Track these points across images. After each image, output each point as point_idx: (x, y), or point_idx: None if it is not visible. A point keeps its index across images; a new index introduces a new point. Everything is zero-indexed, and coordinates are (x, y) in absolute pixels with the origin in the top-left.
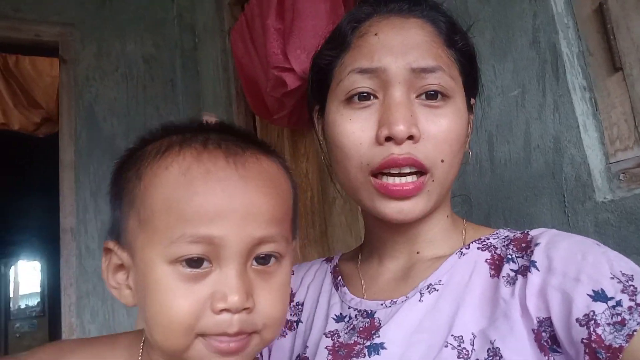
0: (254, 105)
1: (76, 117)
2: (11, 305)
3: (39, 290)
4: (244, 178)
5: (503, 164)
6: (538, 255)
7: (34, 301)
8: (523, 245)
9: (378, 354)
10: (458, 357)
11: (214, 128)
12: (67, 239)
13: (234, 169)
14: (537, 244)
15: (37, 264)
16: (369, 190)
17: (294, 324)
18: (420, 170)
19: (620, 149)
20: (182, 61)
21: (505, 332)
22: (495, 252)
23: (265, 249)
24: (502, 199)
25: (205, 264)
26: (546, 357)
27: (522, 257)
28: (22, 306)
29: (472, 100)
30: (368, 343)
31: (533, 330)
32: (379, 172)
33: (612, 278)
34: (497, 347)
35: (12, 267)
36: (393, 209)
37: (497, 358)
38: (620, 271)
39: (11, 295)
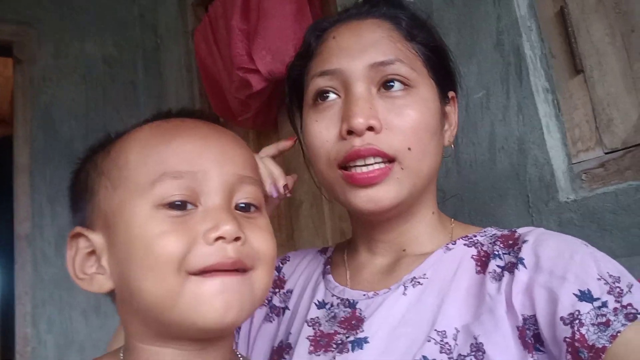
0: (217, 107)
1: (32, 119)
2: None
3: None
4: (216, 129)
5: (468, 165)
6: (526, 252)
7: None
8: (510, 242)
9: (362, 348)
10: (440, 351)
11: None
12: (22, 245)
13: (203, 123)
14: (525, 241)
15: None
16: (340, 184)
17: (282, 310)
18: (387, 159)
19: (582, 150)
20: (144, 62)
21: (490, 328)
22: (481, 249)
23: (245, 192)
24: (467, 200)
25: (190, 207)
26: (530, 355)
27: (509, 253)
28: None
29: (451, 93)
30: (351, 337)
31: (518, 327)
32: (346, 165)
33: (599, 279)
34: (480, 343)
35: None
36: (363, 198)
37: (480, 354)
38: (607, 272)
39: None
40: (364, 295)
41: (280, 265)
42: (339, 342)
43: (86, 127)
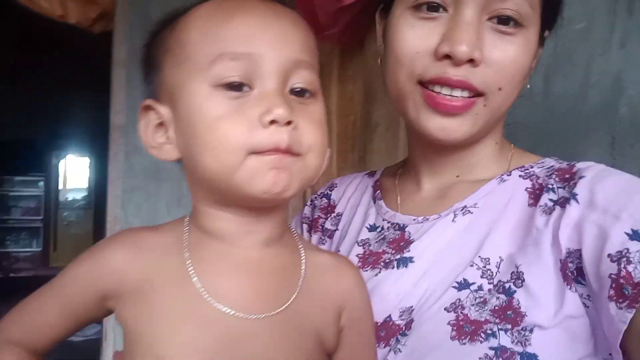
0: (305, 18)
1: (132, 14)
2: (60, 196)
3: (85, 185)
4: (275, 9)
5: (556, 98)
6: (581, 188)
7: (81, 195)
8: (567, 176)
9: (406, 266)
10: (482, 276)
11: None
12: (117, 135)
13: (264, 2)
14: (582, 177)
15: (87, 160)
16: (415, 100)
17: (333, 232)
18: (475, 94)
19: None
20: None
21: (532, 259)
22: (537, 182)
23: (301, 75)
24: (549, 134)
25: (245, 89)
26: (568, 287)
27: (564, 187)
28: (70, 199)
29: (547, 33)
30: (398, 256)
31: (560, 260)
32: (429, 83)
33: None
34: (521, 271)
35: (63, 161)
36: (436, 125)
37: (520, 282)
38: None
39: (60, 187)
40: (414, 219)
41: (329, 192)
42: (387, 260)
43: None
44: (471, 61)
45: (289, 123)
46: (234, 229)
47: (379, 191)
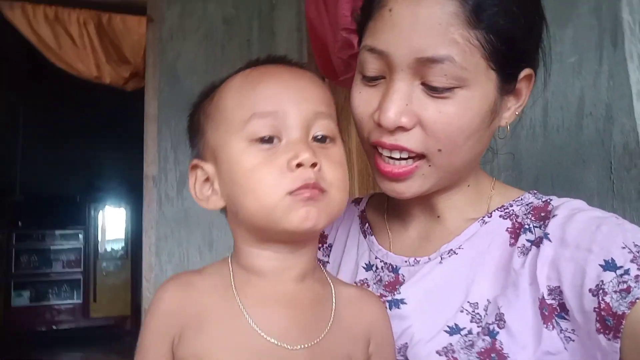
0: (322, 66)
1: (160, 73)
2: (99, 247)
3: (122, 236)
4: (295, 72)
5: (555, 130)
6: (552, 227)
7: (118, 245)
8: (542, 214)
9: (398, 307)
10: (471, 321)
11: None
12: (149, 186)
13: (285, 68)
14: (554, 216)
15: (123, 211)
16: (371, 162)
17: (325, 264)
18: (416, 155)
19: None
20: (259, 22)
21: (512, 299)
22: (516, 221)
23: (320, 125)
24: (551, 164)
25: (275, 140)
26: (545, 325)
27: (540, 227)
28: (108, 249)
29: (526, 71)
30: (390, 297)
31: (538, 298)
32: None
33: (624, 248)
34: (502, 313)
35: (101, 212)
36: (387, 187)
37: (502, 322)
38: (633, 242)
39: (99, 238)
40: (406, 262)
41: None
42: (382, 302)
43: (206, 83)
44: (401, 127)
45: (314, 165)
46: (272, 265)
47: (367, 225)
